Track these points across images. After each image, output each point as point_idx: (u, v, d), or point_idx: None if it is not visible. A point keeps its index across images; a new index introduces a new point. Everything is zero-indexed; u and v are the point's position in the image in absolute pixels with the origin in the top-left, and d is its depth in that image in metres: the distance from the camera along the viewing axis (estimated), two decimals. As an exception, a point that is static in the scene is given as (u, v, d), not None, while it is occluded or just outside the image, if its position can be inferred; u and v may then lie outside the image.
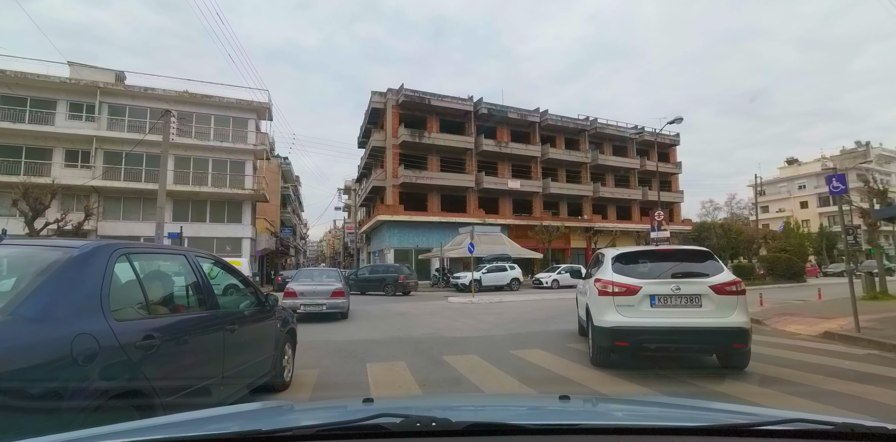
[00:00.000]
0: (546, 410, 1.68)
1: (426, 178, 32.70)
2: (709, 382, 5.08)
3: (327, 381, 5.26)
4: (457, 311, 14.03)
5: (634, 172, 42.06)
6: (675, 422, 1.29)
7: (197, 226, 28.33)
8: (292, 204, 56.19)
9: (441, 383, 5.22)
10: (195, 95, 28.38)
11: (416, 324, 10.86)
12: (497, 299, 17.19)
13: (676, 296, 5.28)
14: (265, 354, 4.21)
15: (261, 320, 4.22)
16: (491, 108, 35.39)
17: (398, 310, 14.41)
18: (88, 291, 2.36)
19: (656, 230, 22.50)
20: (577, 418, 1.31)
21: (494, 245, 26.86)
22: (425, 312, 13.83)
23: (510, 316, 12.35)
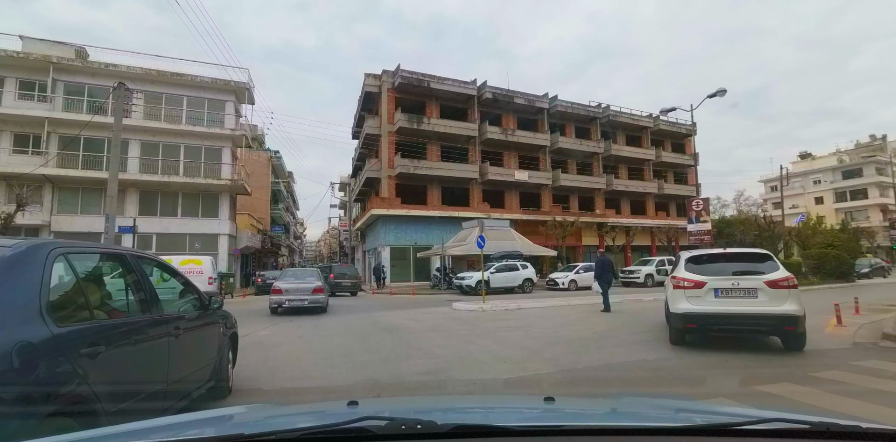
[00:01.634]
0: (531, 411, 1.67)
1: (425, 169, 29.06)
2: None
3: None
4: (466, 323, 10.40)
5: (649, 164, 38.46)
6: (658, 422, 1.30)
7: (167, 221, 24.66)
8: (285, 201, 52.52)
9: None
10: (164, 73, 24.71)
11: (411, 348, 7.24)
12: (514, 305, 13.57)
13: (735, 289, 6.46)
14: (208, 359, 4.02)
15: (205, 325, 4.05)
16: (496, 92, 31.76)
17: (388, 322, 10.77)
18: (25, 295, 2.21)
19: (695, 221, 18.89)
20: (561, 420, 1.32)
21: (503, 241, 23.25)
22: (425, 325, 10.19)
23: (543, 333, 8.73)
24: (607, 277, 12.82)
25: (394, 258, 28.17)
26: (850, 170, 56.26)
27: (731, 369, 5.59)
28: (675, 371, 5.58)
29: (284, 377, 5.60)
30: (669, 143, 40.21)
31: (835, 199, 56.75)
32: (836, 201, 56.51)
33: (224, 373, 4.37)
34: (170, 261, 16.80)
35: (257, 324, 10.66)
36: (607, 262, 13.20)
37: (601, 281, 12.82)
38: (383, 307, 14.93)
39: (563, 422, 1.22)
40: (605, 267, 12.87)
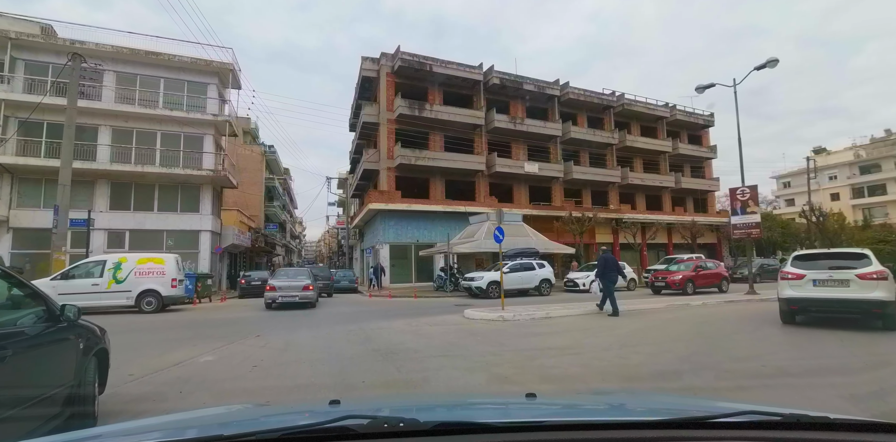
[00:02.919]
0: (513, 408, 1.68)
1: (428, 159, 26.33)
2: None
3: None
4: (489, 341, 7.66)
5: (665, 156, 35.72)
6: (635, 416, 1.35)
7: (142, 216, 21.92)
8: (280, 198, 49.77)
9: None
10: (138, 52, 21.98)
11: (416, 390, 4.50)
12: (541, 313, 10.83)
13: (830, 280, 8.10)
14: (57, 384, 3.05)
15: (52, 342, 3.16)
16: (504, 77, 29.04)
17: (384, 340, 8.03)
18: None
19: (740, 213, 16.18)
20: (542, 415, 1.36)
21: (516, 237, 20.53)
22: (433, 345, 7.44)
23: (602, 359, 6.00)
24: (612, 276, 11.46)
25: (394, 257, 25.46)
26: (868, 165, 53.51)
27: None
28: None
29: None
30: (686, 135, 37.48)
31: (852, 195, 53.98)
32: (853, 197, 53.74)
33: (88, 401, 3.41)
34: (124, 260, 14.12)
35: (211, 341, 7.93)
36: (611, 259, 11.75)
37: (604, 280, 11.54)
38: (379, 314, 12.19)
39: (543, 417, 1.25)
40: (609, 264, 11.54)
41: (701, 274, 18.15)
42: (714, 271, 18.75)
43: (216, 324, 10.65)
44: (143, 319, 11.54)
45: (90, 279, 12.63)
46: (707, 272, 18.38)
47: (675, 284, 17.27)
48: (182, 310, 14.41)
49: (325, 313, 12.99)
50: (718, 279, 18.61)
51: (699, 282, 17.84)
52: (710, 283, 18.30)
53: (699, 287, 17.77)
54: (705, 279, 18.12)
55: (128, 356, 6.15)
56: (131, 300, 12.81)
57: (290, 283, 14.55)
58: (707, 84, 17.30)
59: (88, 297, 12.42)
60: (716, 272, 18.80)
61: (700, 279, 17.91)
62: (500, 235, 11.71)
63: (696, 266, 18.37)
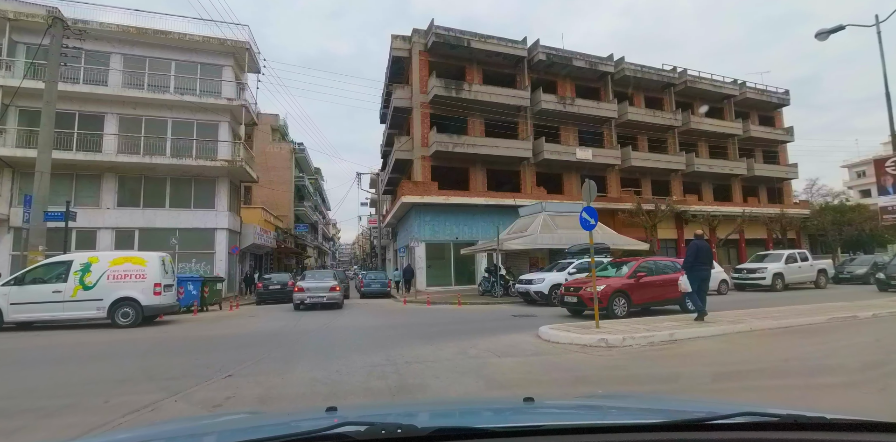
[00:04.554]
0: (510, 412, 1.63)
1: (467, 146, 22.87)
2: None
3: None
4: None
5: (734, 140, 30.94)
6: (633, 419, 1.29)
7: (151, 213, 19.38)
8: (311, 198, 47.39)
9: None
10: (145, 31, 19.51)
11: None
12: (661, 334, 7.09)
13: None
14: None
15: None
16: (551, 53, 25.27)
17: (431, 390, 4.56)
18: None
19: (892, 192, 11.90)
20: (540, 420, 1.31)
21: (577, 230, 16.75)
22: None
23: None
24: (702, 272, 8.70)
25: (430, 257, 22.10)
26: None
27: None
28: None
29: None
30: (756, 116, 32.53)
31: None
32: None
33: None
34: (95, 260, 11.01)
35: (148, 389, 4.71)
36: (704, 248, 8.79)
37: (693, 275, 8.67)
38: (418, 331, 8.76)
39: (542, 422, 1.22)
40: (701, 256, 8.71)
41: (645, 283, 10.44)
42: (673, 278, 10.19)
43: (191, 348, 7.48)
44: (103, 339, 8.53)
45: (51, 285, 9.79)
46: (658, 279, 10.66)
47: (593, 300, 8.83)
48: (173, 322, 11.43)
49: (344, 328, 9.68)
50: (677, 292, 9.83)
51: (644, 295, 10.42)
52: (665, 297, 10.60)
53: (642, 304, 10.44)
54: (655, 291, 10.54)
55: None
56: (102, 311, 9.89)
57: (317, 284, 14.79)
58: (833, 27, 13.10)
59: (48, 307, 9.60)
60: (675, 278, 10.06)
61: (644, 291, 10.41)
62: (592, 219, 8.05)
63: (634, 270, 10.55)
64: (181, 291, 13.54)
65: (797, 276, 18.12)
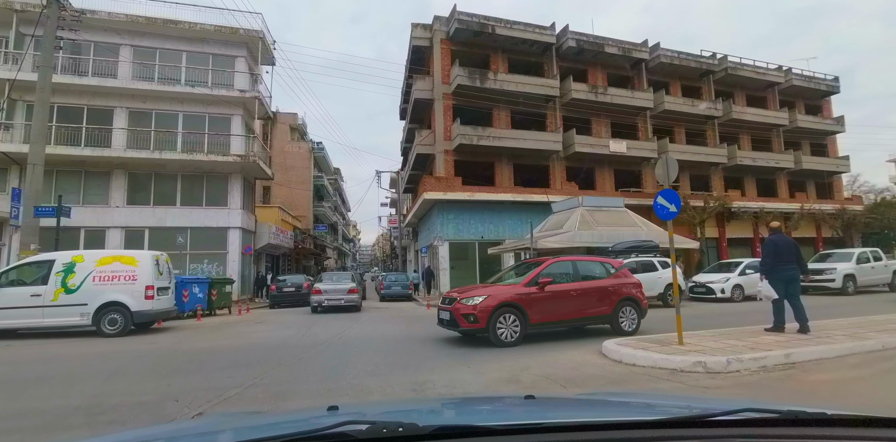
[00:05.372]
0: (512, 410, 1.60)
1: (492, 139, 21.24)
2: None
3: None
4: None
5: (778, 131, 28.50)
6: (636, 416, 1.28)
7: (162, 211, 18.29)
8: (330, 199, 46.33)
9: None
10: (155, 21, 18.47)
11: None
12: (779, 355, 5.31)
13: None
14: None
15: None
16: (581, 40, 23.45)
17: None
18: None
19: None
20: (541, 417, 1.27)
21: (619, 227, 14.97)
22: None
23: None
24: (786, 272, 6.93)
25: (453, 257, 20.51)
26: None
27: None
28: None
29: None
30: (802, 104, 29.99)
31: None
32: None
33: None
34: (79, 259, 9.53)
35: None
36: (784, 244, 7.03)
37: (775, 278, 6.96)
38: (447, 345, 7.15)
39: (543, 419, 1.18)
40: (783, 253, 6.96)
41: (553, 293, 7.32)
42: (601, 285, 7.85)
43: (171, 367, 6.04)
44: (78, 352, 7.19)
45: (29, 288, 8.53)
46: (575, 289, 7.58)
47: (467, 318, 6.85)
48: (170, 329, 10.09)
49: (360, 340, 8.14)
50: (608, 304, 7.75)
51: (549, 311, 7.28)
52: (583, 313, 7.60)
53: (546, 323, 7.31)
54: (567, 305, 7.44)
55: None
56: (87, 318, 8.58)
57: (335, 286, 14.23)
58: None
59: (25, 313, 8.36)
60: (604, 286, 7.86)
61: (549, 306, 7.28)
62: (672, 205, 6.30)
63: (536, 275, 7.40)
64: (185, 294, 12.28)
65: (870, 277, 15.91)
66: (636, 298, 8.13)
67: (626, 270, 8.64)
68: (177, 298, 11.43)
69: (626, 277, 8.39)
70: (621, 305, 7.87)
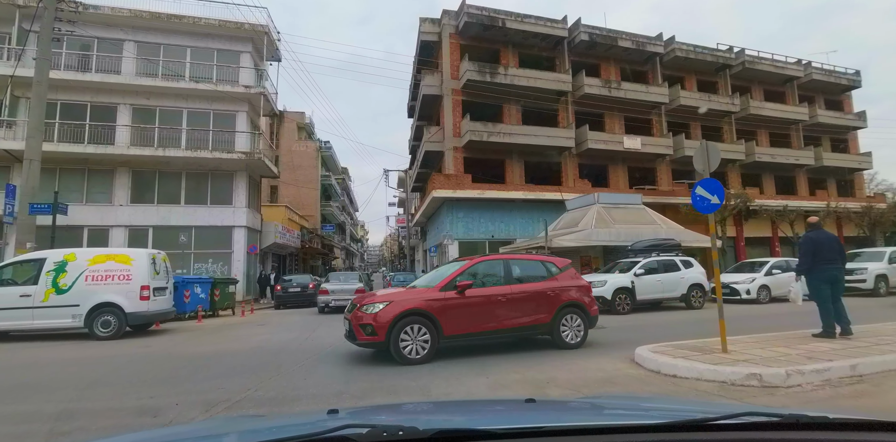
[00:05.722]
0: (512, 413, 1.59)
1: (503, 135, 20.61)
2: None
3: None
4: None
5: (798, 127, 27.56)
6: (636, 420, 1.26)
7: (166, 210, 17.88)
8: (338, 198, 45.93)
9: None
10: (159, 16, 18.09)
11: None
12: (843, 366, 4.63)
13: None
14: None
15: None
16: (593, 33, 22.75)
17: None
18: None
19: None
20: (542, 421, 1.26)
21: (637, 225, 14.30)
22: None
23: None
24: (830, 272, 6.21)
25: (463, 256, 19.84)
26: None
27: None
28: None
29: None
30: (822, 99, 29.01)
31: None
32: None
33: None
34: (72, 257, 9.02)
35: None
36: (825, 240, 6.36)
37: (815, 278, 6.26)
38: (456, 352, 6.52)
39: (544, 422, 1.19)
40: (823, 251, 6.25)
41: (475, 300, 6.07)
42: (538, 288, 6.55)
43: (159, 375, 5.49)
44: (63, 356, 6.70)
45: (19, 288, 8.05)
46: (505, 293, 6.29)
47: (364, 329, 5.67)
48: (168, 331, 9.58)
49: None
50: (547, 311, 6.44)
51: (469, 321, 6.03)
52: (516, 322, 6.25)
53: (465, 335, 6.07)
54: (494, 314, 6.16)
55: None
56: (79, 319, 8.08)
57: (342, 286, 13.96)
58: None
59: (14, 315, 7.89)
60: (543, 290, 6.56)
61: (469, 315, 6.04)
62: (714, 196, 5.64)
63: (454, 278, 6.11)
64: (187, 295, 11.79)
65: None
66: (582, 303, 6.79)
67: (572, 271, 7.30)
68: (178, 299, 10.95)
69: (572, 279, 7.06)
70: (564, 311, 6.57)
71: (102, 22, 17.42)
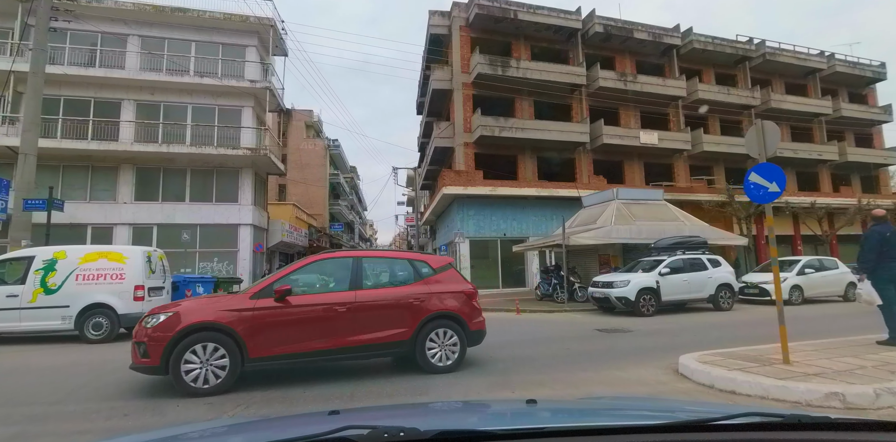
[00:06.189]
0: (514, 414, 1.55)
1: (515, 130, 19.89)
2: None
3: None
4: None
5: (820, 121, 26.50)
6: (637, 421, 1.24)
7: (170, 208, 17.43)
8: (347, 197, 45.47)
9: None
10: (163, 10, 17.62)
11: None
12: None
13: None
14: None
15: None
16: (608, 25, 21.93)
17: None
18: None
19: None
20: (543, 422, 1.28)
21: (660, 221, 13.51)
22: None
23: None
24: (892, 270, 5.49)
25: (473, 256, 19.23)
26: None
27: None
28: None
29: None
30: (846, 93, 27.89)
31: None
32: None
33: None
34: (62, 255, 8.47)
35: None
36: (892, 237, 5.62)
37: (879, 278, 5.51)
38: (477, 360, 5.85)
39: (545, 423, 1.19)
40: (892, 248, 5.55)
41: (296, 312, 4.63)
42: (397, 295, 5.15)
43: (144, 388, 4.90)
44: (44, 362, 6.13)
45: (6, 287, 7.54)
46: (339, 302, 4.80)
47: (137, 348, 4.43)
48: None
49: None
50: (406, 324, 5.01)
51: (280, 340, 4.55)
52: (354, 340, 4.77)
53: (278, 357, 4.53)
54: (322, 328, 4.71)
55: None
56: (69, 321, 7.55)
57: None
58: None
59: (1, 316, 7.31)
60: (402, 297, 5.13)
61: (285, 330, 4.60)
62: (772, 183, 4.92)
63: (269, 284, 4.71)
64: (188, 295, 11.27)
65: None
66: (459, 314, 5.28)
67: (452, 273, 5.67)
68: (178, 299, 10.42)
69: (451, 283, 5.49)
70: (431, 325, 5.10)
71: (106, 16, 16.99)
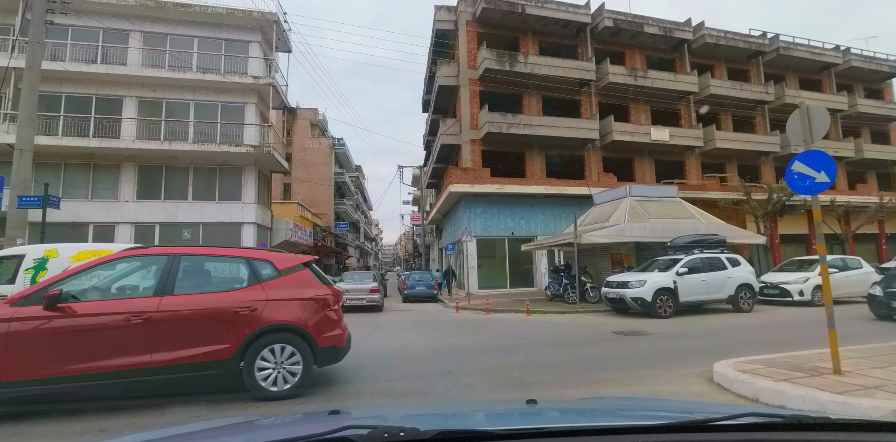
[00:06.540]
0: (513, 415, 1.56)
1: (523, 126, 19.43)
2: None
3: None
4: None
5: (836, 117, 25.80)
6: (638, 421, 1.24)
7: (173, 206, 17.12)
8: (352, 196, 45.12)
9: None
10: (164, 5, 17.30)
11: None
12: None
13: None
14: None
15: None
16: (618, 19, 21.40)
17: None
18: None
19: None
20: (543, 422, 1.27)
21: (675, 219, 13.00)
22: None
23: None
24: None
25: (480, 255, 18.80)
26: None
27: None
28: None
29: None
30: (861, 88, 27.18)
31: None
32: None
33: None
34: (53, 254, 8.23)
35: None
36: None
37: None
38: (488, 366, 5.40)
39: (546, 424, 1.18)
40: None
41: (75, 324, 3.68)
42: (217, 303, 4.06)
43: (125, 398, 4.48)
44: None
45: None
46: (136, 312, 3.79)
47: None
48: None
49: (380, 355, 6.48)
50: (229, 340, 3.96)
51: (50, 360, 3.57)
52: (151, 361, 3.77)
53: (38, 381, 3.55)
54: (111, 345, 3.72)
55: None
56: (60, 323, 7.16)
57: (356, 286, 13.65)
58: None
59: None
60: (226, 307, 4.05)
61: (58, 348, 3.62)
62: (819, 173, 4.43)
63: (42, 288, 3.81)
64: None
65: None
66: (303, 327, 4.19)
67: (302, 275, 4.47)
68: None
69: (297, 288, 4.35)
70: (264, 340, 4.06)
71: (107, 12, 16.70)
